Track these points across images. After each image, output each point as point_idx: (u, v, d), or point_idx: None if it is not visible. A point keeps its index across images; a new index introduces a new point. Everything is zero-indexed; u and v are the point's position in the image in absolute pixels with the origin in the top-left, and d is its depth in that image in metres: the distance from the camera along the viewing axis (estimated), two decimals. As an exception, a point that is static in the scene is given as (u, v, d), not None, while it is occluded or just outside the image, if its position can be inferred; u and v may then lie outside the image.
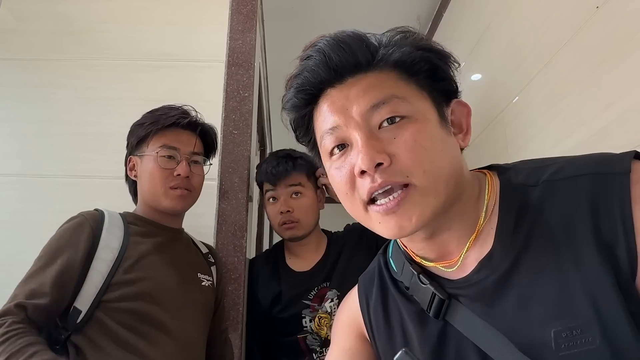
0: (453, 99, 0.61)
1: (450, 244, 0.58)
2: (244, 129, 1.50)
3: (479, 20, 1.80)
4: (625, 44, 1.00)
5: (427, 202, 0.53)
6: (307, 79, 0.59)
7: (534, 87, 1.39)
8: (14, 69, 1.53)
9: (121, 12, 1.62)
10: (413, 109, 0.55)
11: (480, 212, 0.57)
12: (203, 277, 1.13)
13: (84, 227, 1.00)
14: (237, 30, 1.62)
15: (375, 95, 0.55)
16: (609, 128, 1.05)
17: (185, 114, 1.13)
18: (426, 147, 0.54)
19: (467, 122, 0.61)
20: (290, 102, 0.62)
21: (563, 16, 1.24)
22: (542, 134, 1.34)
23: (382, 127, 0.55)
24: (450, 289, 0.58)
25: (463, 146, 0.60)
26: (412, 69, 0.57)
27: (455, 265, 0.58)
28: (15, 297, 0.89)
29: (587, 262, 0.48)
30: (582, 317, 0.47)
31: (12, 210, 1.39)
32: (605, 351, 0.46)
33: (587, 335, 0.47)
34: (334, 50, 0.57)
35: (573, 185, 0.52)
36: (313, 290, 1.34)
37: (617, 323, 0.46)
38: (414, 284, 0.61)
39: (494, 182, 0.59)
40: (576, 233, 0.50)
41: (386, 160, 0.53)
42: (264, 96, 2.53)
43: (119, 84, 1.53)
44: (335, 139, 0.58)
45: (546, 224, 0.52)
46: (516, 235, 0.54)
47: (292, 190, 1.38)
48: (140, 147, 1.11)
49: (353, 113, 0.56)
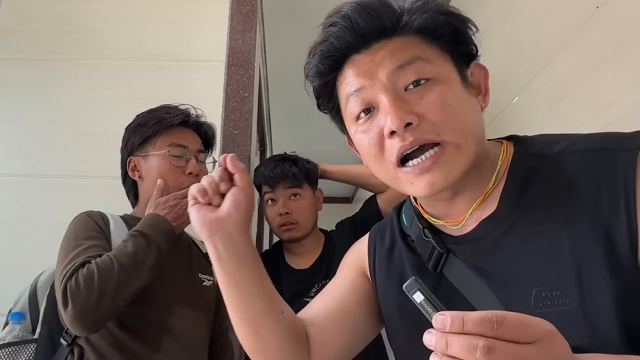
0: (472, 61, 0.62)
1: (460, 203, 0.60)
2: (244, 129, 1.50)
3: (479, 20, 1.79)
4: (625, 44, 1.00)
5: (459, 158, 0.55)
6: (333, 45, 0.59)
7: (534, 87, 1.38)
8: (14, 69, 1.53)
9: (121, 12, 1.62)
10: (437, 70, 0.57)
11: (491, 177, 0.59)
12: (204, 277, 1.13)
13: (96, 219, 1.00)
14: (237, 30, 1.62)
15: (401, 56, 0.56)
16: (609, 128, 1.05)
17: (188, 112, 1.13)
18: (454, 106, 0.55)
19: (485, 83, 0.63)
20: (315, 68, 0.62)
21: (563, 16, 1.24)
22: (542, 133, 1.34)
23: (408, 89, 0.56)
24: (450, 244, 0.61)
25: (483, 107, 0.62)
26: (435, 33, 0.58)
27: (459, 224, 0.60)
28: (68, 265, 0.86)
29: (580, 232, 0.50)
30: (563, 280, 0.50)
31: (12, 210, 1.39)
32: (579, 313, 0.48)
33: (565, 297, 0.50)
34: (361, 16, 0.57)
35: (581, 159, 0.53)
36: (314, 288, 1.35)
37: (595, 290, 0.48)
38: (418, 237, 0.64)
39: (508, 150, 0.61)
40: (576, 204, 0.52)
41: (415, 120, 0.54)
42: (264, 96, 2.53)
43: (119, 84, 1.53)
44: (361, 102, 0.58)
45: (549, 192, 0.54)
46: (519, 201, 0.56)
47: (290, 192, 1.39)
48: (144, 147, 1.10)
49: (379, 75, 0.57)
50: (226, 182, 0.63)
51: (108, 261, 0.86)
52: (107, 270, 0.85)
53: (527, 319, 0.37)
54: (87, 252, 0.89)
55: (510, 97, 1.50)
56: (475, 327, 0.35)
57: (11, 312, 1.01)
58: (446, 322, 0.36)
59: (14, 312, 1.00)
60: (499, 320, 0.35)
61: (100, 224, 1.00)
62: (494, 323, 0.35)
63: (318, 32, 0.63)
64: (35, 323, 0.99)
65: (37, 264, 1.07)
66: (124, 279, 0.86)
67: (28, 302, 1.00)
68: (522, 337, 0.36)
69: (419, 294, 0.41)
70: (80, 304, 0.81)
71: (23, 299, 1.02)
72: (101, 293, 0.82)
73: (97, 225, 0.99)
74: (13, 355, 0.93)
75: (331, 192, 1.62)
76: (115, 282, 0.84)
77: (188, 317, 1.03)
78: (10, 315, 1.00)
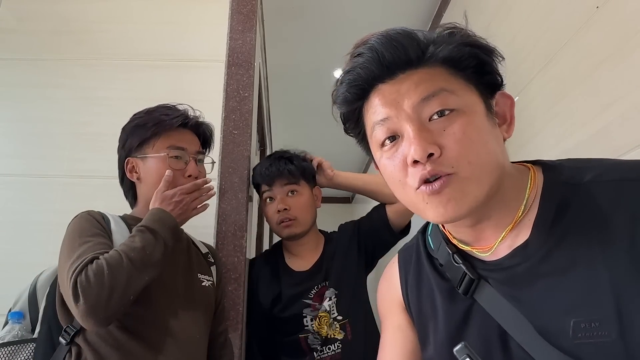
0: (497, 91, 0.63)
1: (487, 230, 0.61)
2: (244, 129, 1.50)
3: (479, 20, 1.80)
4: (625, 44, 1.00)
5: (469, 190, 0.56)
6: (360, 75, 0.62)
7: (534, 87, 1.39)
8: (14, 69, 1.53)
9: (121, 12, 1.62)
10: (462, 102, 0.58)
11: (520, 204, 0.60)
12: (203, 278, 1.13)
13: (97, 218, 1.00)
14: (237, 30, 1.62)
15: (427, 88, 0.58)
16: (609, 128, 1.05)
17: (187, 113, 1.13)
18: (473, 139, 0.57)
19: (511, 113, 0.64)
20: (342, 96, 0.65)
21: (563, 16, 1.24)
22: (542, 134, 1.34)
23: (432, 119, 0.58)
24: (481, 270, 0.62)
25: (506, 137, 0.63)
26: (460, 65, 0.60)
27: (489, 251, 0.61)
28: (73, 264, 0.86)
29: (618, 264, 0.51)
30: (603, 312, 0.50)
31: (12, 210, 1.39)
32: (619, 346, 0.48)
33: (605, 329, 0.49)
34: (386, 48, 0.59)
35: (617, 189, 0.54)
36: (313, 290, 1.35)
37: (636, 324, 0.48)
38: (447, 262, 0.65)
39: (537, 177, 0.62)
40: (613, 234, 0.52)
41: (437, 151, 0.56)
42: (264, 96, 2.53)
43: (118, 84, 1.53)
44: (387, 130, 0.60)
45: (584, 222, 0.54)
46: (553, 229, 0.56)
47: (287, 189, 1.40)
48: (142, 149, 1.10)
49: (405, 106, 0.59)
50: None
51: (117, 256, 0.87)
52: (117, 265, 0.85)
53: None
54: (94, 248, 0.89)
55: (510, 97, 1.50)
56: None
57: (11, 311, 1.01)
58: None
59: (13, 312, 1.00)
60: None
61: (102, 223, 1.00)
62: None
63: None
64: (34, 323, 0.99)
65: (37, 264, 1.07)
66: (133, 273, 0.86)
67: (28, 302, 1.00)
68: None
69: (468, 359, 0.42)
70: (92, 299, 0.81)
71: (23, 299, 1.02)
72: (112, 288, 0.83)
73: (100, 223, 0.99)
74: (12, 355, 0.93)
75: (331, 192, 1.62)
76: (125, 277, 0.85)
77: (187, 318, 1.02)
78: (10, 315, 1.00)
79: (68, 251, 0.91)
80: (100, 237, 0.95)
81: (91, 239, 0.93)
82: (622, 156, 1.00)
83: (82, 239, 0.93)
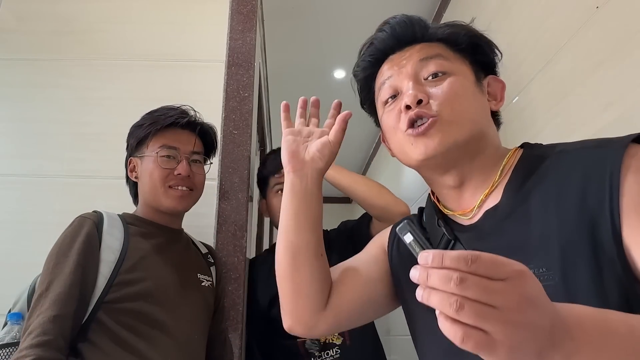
0: (490, 73, 0.74)
1: (467, 192, 0.70)
2: (244, 129, 1.50)
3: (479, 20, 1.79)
4: (625, 44, 1.00)
5: (450, 130, 0.65)
6: (376, 47, 0.76)
7: (534, 87, 1.38)
8: (14, 69, 1.53)
9: (121, 12, 1.62)
10: (454, 67, 0.70)
11: (497, 172, 0.68)
12: (203, 278, 1.13)
13: (88, 229, 0.99)
14: (237, 30, 1.62)
15: (426, 52, 0.71)
16: (609, 128, 1.05)
17: (184, 113, 1.13)
18: (458, 93, 0.67)
19: (502, 94, 0.75)
20: (362, 63, 0.78)
21: (563, 16, 1.24)
22: (542, 134, 1.34)
23: (427, 79, 0.69)
24: (458, 232, 0.70)
25: (494, 109, 0.73)
26: (457, 43, 0.72)
27: (470, 214, 0.69)
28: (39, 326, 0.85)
29: (567, 216, 0.57)
30: (550, 259, 0.57)
31: (12, 210, 1.39)
32: (562, 288, 0.55)
33: (551, 274, 0.56)
34: (399, 24, 0.74)
35: (577, 155, 0.61)
36: None
37: (577, 270, 0.54)
38: (432, 226, 0.74)
39: (517, 151, 0.70)
40: (566, 193, 0.59)
41: (425, 98, 0.66)
42: (264, 96, 2.53)
43: (119, 84, 1.53)
44: (389, 88, 0.72)
45: (546, 185, 0.62)
46: (519, 192, 0.64)
47: None
48: (140, 148, 1.10)
49: (407, 66, 0.71)
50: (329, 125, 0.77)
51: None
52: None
53: (500, 259, 0.40)
54: (54, 307, 0.86)
55: (510, 97, 1.50)
56: (452, 262, 0.39)
57: (10, 312, 1.01)
58: (428, 258, 0.40)
59: (12, 313, 1.00)
60: (474, 258, 0.38)
61: (91, 232, 0.98)
62: (468, 260, 0.38)
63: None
64: (34, 323, 0.99)
65: (37, 264, 1.06)
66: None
67: (27, 303, 1.00)
68: (494, 274, 0.39)
69: (409, 234, 0.47)
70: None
71: (22, 300, 1.02)
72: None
73: (87, 236, 0.97)
74: (11, 356, 0.92)
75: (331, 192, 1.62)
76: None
77: (186, 317, 1.03)
78: (9, 316, 1.00)
79: (44, 276, 0.92)
80: (76, 266, 0.92)
81: (64, 269, 0.91)
82: (622, 156, 1.00)
83: (57, 268, 0.92)
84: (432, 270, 0.39)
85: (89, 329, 0.92)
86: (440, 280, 0.38)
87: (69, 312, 0.88)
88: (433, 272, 0.39)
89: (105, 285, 0.95)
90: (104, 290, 0.94)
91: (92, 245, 0.97)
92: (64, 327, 0.86)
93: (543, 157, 0.65)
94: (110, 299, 0.94)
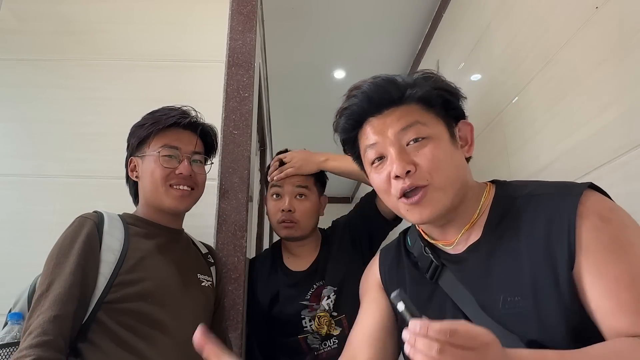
0: (460, 120, 0.84)
1: (451, 229, 0.81)
2: (244, 129, 1.50)
3: (479, 20, 1.80)
4: (625, 44, 1.00)
5: (440, 197, 0.76)
6: (355, 111, 0.83)
7: (533, 87, 1.38)
8: (14, 69, 1.53)
9: (121, 12, 1.62)
10: (431, 131, 0.78)
11: (476, 210, 0.80)
12: (203, 278, 1.13)
13: (88, 230, 0.99)
14: (237, 30, 1.62)
15: (405, 120, 0.78)
16: (609, 128, 1.05)
17: (185, 113, 1.13)
18: (440, 158, 0.76)
19: (471, 136, 0.84)
20: (342, 126, 0.86)
21: (563, 16, 1.24)
22: (541, 134, 1.34)
23: (409, 144, 0.78)
24: (444, 259, 0.81)
25: (467, 156, 0.83)
26: (431, 103, 0.80)
27: (452, 245, 0.81)
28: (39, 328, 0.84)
29: (537, 254, 0.69)
30: (523, 289, 0.69)
31: (12, 210, 1.39)
32: (533, 315, 0.67)
33: (524, 302, 0.68)
34: (374, 92, 0.80)
35: (539, 200, 0.73)
36: (310, 290, 1.35)
37: (546, 297, 0.67)
38: (420, 253, 0.85)
39: (491, 191, 0.82)
40: (535, 233, 0.71)
41: (413, 168, 0.76)
42: (264, 96, 2.53)
43: (119, 84, 1.53)
44: (375, 152, 0.81)
45: (517, 225, 0.74)
46: (497, 231, 0.76)
47: (298, 192, 1.40)
48: (141, 148, 1.11)
49: (389, 134, 0.79)
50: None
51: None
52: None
53: (473, 332, 0.51)
54: (54, 308, 0.86)
55: (510, 97, 1.50)
56: (434, 334, 0.49)
57: (10, 312, 1.01)
58: (416, 327, 0.50)
59: (12, 313, 1.00)
60: (452, 332, 0.49)
61: (92, 232, 0.98)
62: (447, 332, 0.48)
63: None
64: (34, 323, 0.99)
65: (37, 264, 1.06)
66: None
67: (27, 303, 1.00)
68: (468, 344, 0.49)
69: (402, 303, 0.55)
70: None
71: (22, 300, 1.02)
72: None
73: (88, 237, 0.97)
74: (11, 356, 0.93)
75: (331, 192, 1.62)
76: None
77: (185, 317, 1.02)
78: (10, 316, 1.00)
79: (44, 276, 0.92)
80: (77, 267, 0.92)
81: (64, 269, 0.91)
82: (622, 156, 1.00)
83: (57, 268, 0.92)
84: (419, 338, 0.50)
85: (89, 329, 0.92)
86: (424, 347, 0.49)
87: (69, 313, 0.88)
88: (419, 339, 0.50)
89: (106, 286, 0.95)
90: (104, 291, 0.94)
91: (93, 245, 0.97)
92: (64, 327, 0.86)
93: (514, 198, 0.77)
94: (110, 299, 0.94)
